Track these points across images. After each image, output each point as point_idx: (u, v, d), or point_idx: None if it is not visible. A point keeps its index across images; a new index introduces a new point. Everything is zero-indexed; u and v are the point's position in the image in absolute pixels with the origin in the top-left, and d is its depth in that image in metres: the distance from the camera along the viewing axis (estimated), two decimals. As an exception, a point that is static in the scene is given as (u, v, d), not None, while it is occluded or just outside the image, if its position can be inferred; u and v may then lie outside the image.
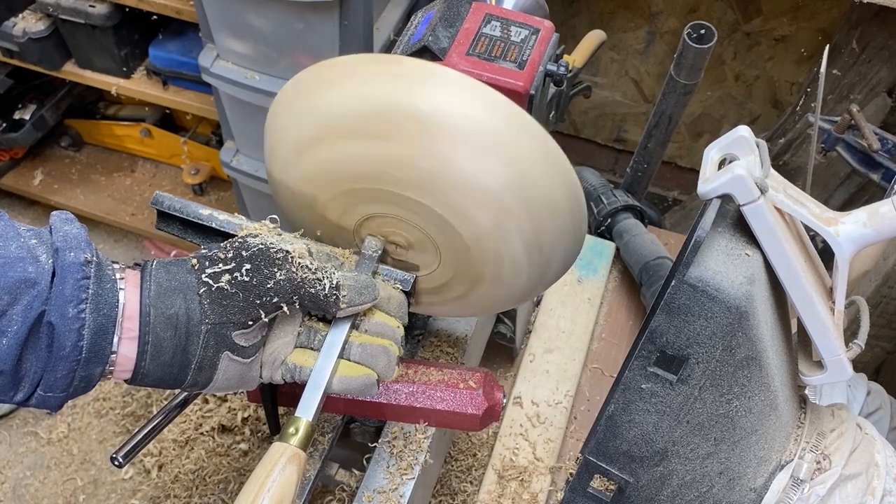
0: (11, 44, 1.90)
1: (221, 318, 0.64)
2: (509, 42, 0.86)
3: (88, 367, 0.61)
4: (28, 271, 0.58)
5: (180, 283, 0.65)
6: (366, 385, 0.71)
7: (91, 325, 0.60)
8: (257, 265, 0.65)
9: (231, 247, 0.66)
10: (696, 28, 1.33)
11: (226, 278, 0.64)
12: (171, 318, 0.63)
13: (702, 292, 0.62)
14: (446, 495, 1.14)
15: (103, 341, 0.61)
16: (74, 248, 0.60)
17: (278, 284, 0.65)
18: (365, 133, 0.68)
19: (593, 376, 1.31)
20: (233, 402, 1.34)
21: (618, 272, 1.47)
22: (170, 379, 0.66)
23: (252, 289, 0.65)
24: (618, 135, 2.60)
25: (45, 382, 0.60)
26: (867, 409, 1.24)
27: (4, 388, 0.60)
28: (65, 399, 0.62)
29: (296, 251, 0.67)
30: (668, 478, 0.73)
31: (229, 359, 0.66)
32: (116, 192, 2.40)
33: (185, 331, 0.64)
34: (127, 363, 0.63)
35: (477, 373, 0.83)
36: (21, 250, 0.59)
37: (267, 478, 0.63)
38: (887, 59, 1.86)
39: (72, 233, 0.62)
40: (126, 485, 1.63)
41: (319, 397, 0.68)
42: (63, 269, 0.59)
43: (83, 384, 0.62)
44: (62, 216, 0.64)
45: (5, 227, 0.60)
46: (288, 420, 0.67)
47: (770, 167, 0.64)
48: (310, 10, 1.44)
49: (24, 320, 0.57)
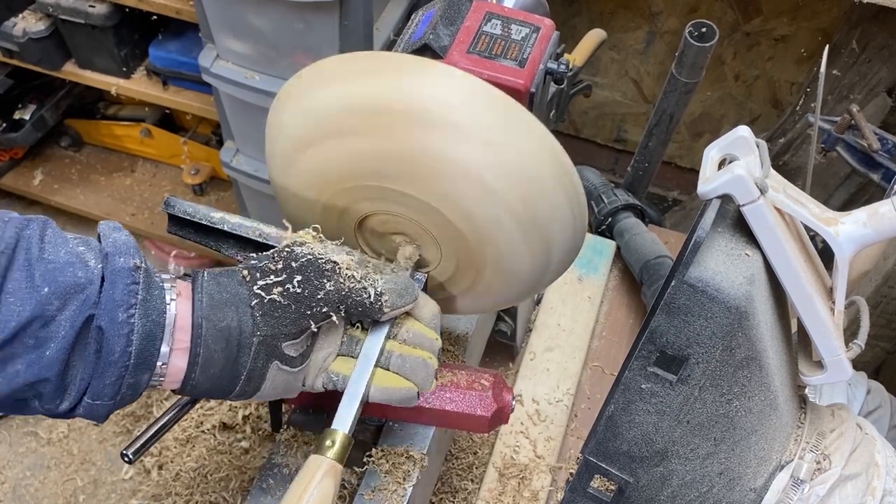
0: (11, 44, 1.90)
1: (273, 330, 0.65)
2: (510, 40, 0.86)
3: (136, 374, 0.60)
4: (78, 276, 0.58)
5: (232, 295, 0.64)
6: (406, 397, 0.72)
7: (140, 330, 0.59)
8: (308, 276, 0.65)
9: (280, 257, 0.66)
10: (698, 26, 1.33)
11: (277, 290, 0.64)
12: (224, 330, 0.63)
13: (702, 292, 0.62)
14: (447, 493, 1.14)
15: (151, 347, 0.60)
16: (124, 254, 0.60)
17: (328, 295, 0.65)
18: (347, 130, 0.68)
19: (594, 374, 1.31)
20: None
21: (618, 271, 1.47)
22: (218, 390, 0.66)
23: (303, 300, 0.65)
24: (618, 135, 2.60)
25: (92, 390, 0.59)
26: (867, 408, 1.24)
27: (50, 397, 0.59)
28: (112, 408, 0.61)
29: (343, 262, 0.67)
30: (668, 478, 0.73)
31: (278, 368, 0.67)
32: (116, 192, 2.40)
33: (237, 343, 0.64)
34: (177, 374, 0.63)
35: (487, 374, 0.83)
36: (70, 255, 0.58)
37: (304, 491, 0.62)
38: (887, 59, 1.86)
39: (121, 239, 0.62)
40: (126, 485, 1.62)
41: (355, 410, 0.68)
42: (113, 274, 0.59)
43: (130, 392, 0.61)
44: (111, 224, 0.64)
45: (54, 235, 0.60)
46: (324, 432, 0.67)
47: (770, 167, 0.65)
48: (310, 10, 1.44)
49: (72, 325, 0.57)
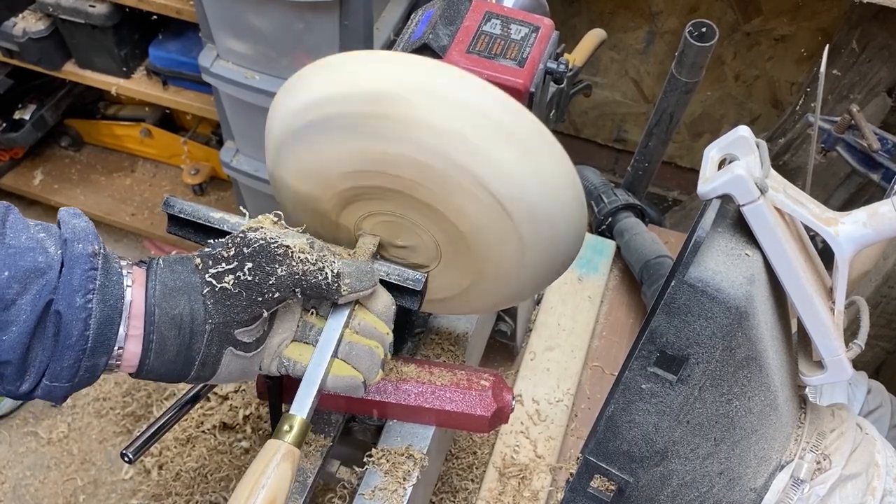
0: (11, 44, 1.90)
1: (225, 318, 0.65)
2: (509, 40, 0.86)
3: (94, 357, 0.62)
4: (38, 261, 0.59)
5: (184, 283, 0.65)
6: (350, 385, 0.71)
7: (97, 315, 0.61)
8: (259, 262, 0.65)
9: (233, 243, 0.67)
10: (698, 26, 1.33)
11: (229, 278, 0.65)
12: (176, 318, 0.64)
13: (702, 292, 0.62)
14: (447, 493, 1.14)
15: (109, 332, 0.62)
16: (83, 240, 0.62)
17: (279, 280, 0.65)
18: (350, 129, 0.68)
19: (594, 374, 1.31)
20: (234, 401, 1.34)
21: (618, 270, 1.47)
22: (173, 374, 0.67)
23: (254, 287, 0.65)
24: (618, 135, 2.60)
25: (50, 372, 0.61)
26: (867, 407, 1.24)
27: (11, 379, 0.60)
28: (70, 390, 0.63)
29: (296, 245, 0.67)
30: (668, 478, 0.73)
31: (233, 354, 0.68)
32: (116, 192, 2.40)
33: (190, 330, 0.65)
34: (132, 359, 0.65)
35: (487, 374, 0.83)
36: (31, 241, 0.60)
37: (261, 475, 0.63)
38: (887, 59, 1.86)
39: (80, 226, 0.63)
40: (126, 485, 1.63)
41: (314, 395, 0.68)
42: (71, 260, 0.60)
43: (88, 374, 0.63)
44: (70, 211, 0.65)
45: (15, 220, 0.61)
46: (282, 417, 0.68)
47: (770, 167, 0.65)
48: (310, 10, 1.44)
49: (32, 309, 0.58)
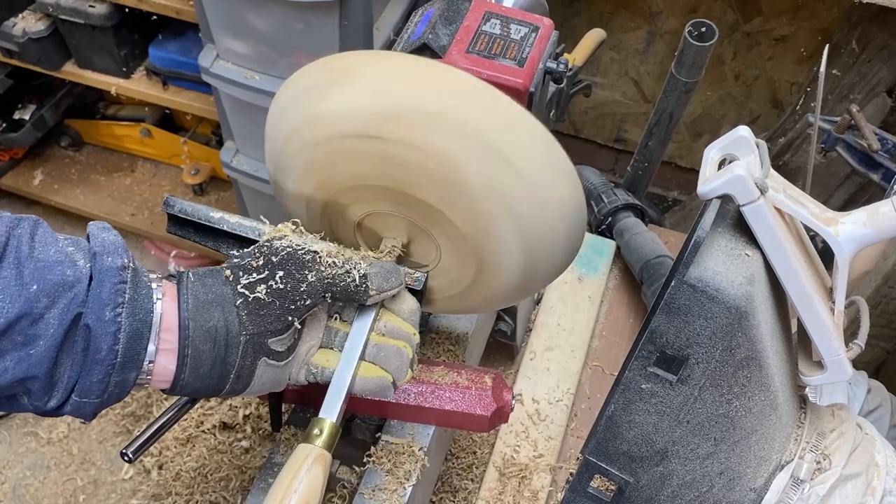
0: (11, 44, 1.90)
1: (259, 328, 0.65)
2: (509, 40, 0.86)
3: (123, 373, 0.61)
4: (66, 274, 0.58)
5: (217, 295, 0.65)
6: (379, 386, 0.72)
7: (127, 329, 0.60)
8: (289, 270, 0.66)
9: (260, 253, 0.67)
10: (697, 26, 1.33)
11: (261, 288, 0.65)
12: (210, 330, 0.64)
13: (702, 292, 0.62)
14: (447, 493, 1.14)
15: (138, 346, 0.61)
16: (112, 254, 0.61)
17: (310, 286, 0.66)
18: (354, 131, 0.67)
19: (594, 374, 1.31)
20: (234, 400, 1.34)
21: (618, 270, 1.47)
22: (208, 389, 0.67)
23: (287, 294, 0.65)
24: (618, 135, 2.60)
25: (80, 387, 0.60)
26: (868, 407, 1.24)
27: (39, 394, 0.60)
28: (99, 406, 0.62)
29: (323, 250, 0.68)
30: (668, 478, 0.73)
31: (266, 364, 0.67)
32: (116, 192, 2.40)
33: (225, 343, 0.64)
34: (166, 374, 0.64)
35: (486, 374, 0.83)
36: (59, 255, 0.59)
37: (294, 479, 0.63)
38: (887, 59, 1.86)
39: (109, 239, 0.63)
40: (126, 485, 1.63)
41: (343, 398, 0.68)
42: (101, 273, 0.60)
43: (117, 390, 0.62)
44: (99, 225, 0.65)
45: (44, 234, 0.61)
46: (312, 422, 0.68)
47: (770, 167, 0.65)
48: (310, 10, 1.44)
49: (60, 323, 0.57)
